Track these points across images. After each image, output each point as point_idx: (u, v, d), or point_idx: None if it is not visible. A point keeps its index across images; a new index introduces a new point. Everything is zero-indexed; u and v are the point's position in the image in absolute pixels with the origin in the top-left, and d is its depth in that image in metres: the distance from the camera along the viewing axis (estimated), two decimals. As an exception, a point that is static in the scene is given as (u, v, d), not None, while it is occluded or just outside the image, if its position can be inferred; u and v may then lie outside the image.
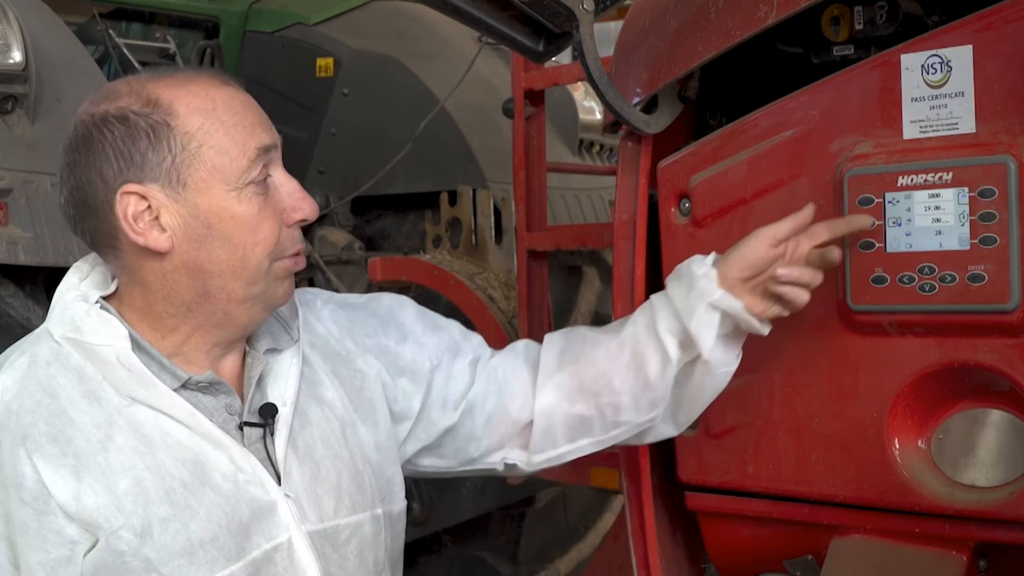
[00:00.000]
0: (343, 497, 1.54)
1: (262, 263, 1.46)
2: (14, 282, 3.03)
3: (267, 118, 1.51)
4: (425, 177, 4.34)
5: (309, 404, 1.57)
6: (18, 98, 3.05)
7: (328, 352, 1.64)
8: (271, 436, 1.50)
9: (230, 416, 1.49)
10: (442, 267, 3.76)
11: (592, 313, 4.38)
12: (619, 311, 1.93)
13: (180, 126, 1.44)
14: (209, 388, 1.49)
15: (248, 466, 1.46)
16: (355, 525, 1.55)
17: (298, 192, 1.49)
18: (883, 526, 1.69)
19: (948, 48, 1.58)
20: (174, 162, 1.44)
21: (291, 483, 1.50)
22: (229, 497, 1.44)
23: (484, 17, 1.68)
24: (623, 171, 1.94)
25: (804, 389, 1.73)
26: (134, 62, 4.54)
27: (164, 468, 1.41)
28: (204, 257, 1.46)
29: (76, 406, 1.41)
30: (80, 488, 1.37)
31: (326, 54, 4.73)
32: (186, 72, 1.50)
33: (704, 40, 1.78)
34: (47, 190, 3.03)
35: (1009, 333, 1.55)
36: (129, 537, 1.37)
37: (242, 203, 1.45)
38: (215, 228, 1.45)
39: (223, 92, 1.48)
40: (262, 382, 1.54)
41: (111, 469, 1.39)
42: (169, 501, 1.40)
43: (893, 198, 1.60)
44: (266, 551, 1.45)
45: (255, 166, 1.46)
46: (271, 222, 1.47)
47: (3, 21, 3.03)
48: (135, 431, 1.42)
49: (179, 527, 1.39)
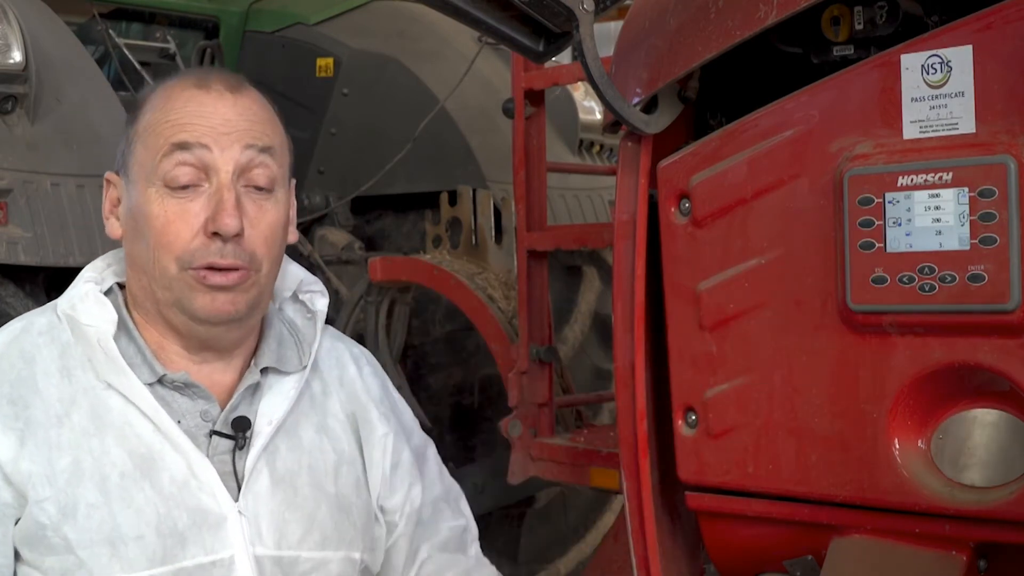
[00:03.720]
0: (313, 530, 1.50)
1: (168, 267, 1.43)
2: (14, 282, 3.03)
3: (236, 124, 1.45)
4: (425, 177, 4.34)
5: (307, 429, 1.54)
6: (18, 98, 3.05)
7: (352, 392, 1.62)
8: (240, 450, 1.47)
9: (203, 423, 1.47)
10: (442, 267, 3.76)
11: (592, 313, 4.38)
12: (619, 311, 1.93)
13: (137, 121, 1.47)
14: (185, 389, 1.47)
15: (204, 475, 1.44)
16: (320, 561, 1.50)
17: (224, 204, 1.42)
18: (883, 526, 1.69)
19: (948, 48, 1.58)
20: (124, 154, 1.48)
21: (252, 501, 1.46)
22: (168, 499, 1.41)
23: (484, 17, 1.68)
24: (623, 171, 1.94)
25: (804, 389, 1.73)
26: (134, 62, 4.54)
27: (108, 455, 1.41)
28: (134, 251, 1.47)
29: (48, 377, 1.43)
30: (21, 452, 1.39)
31: (326, 54, 4.73)
32: (184, 73, 1.53)
33: (704, 40, 1.78)
34: (47, 190, 3.03)
35: (1009, 333, 1.55)
36: (52, 511, 1.38)
37: (154, 202, 1.43)
38: (139, 223, 1.45)
39: (187, 92, 1.46)
40: (256, 398, 1.52)
41: (58, 444, 1.40)
42: (102, 488, 1.39)
43: (893, 198, 1.60)
44: (201, 563, 1.42)
45: (167, 162, 1.42)
46: (182, 227, 1.42)
47: (3, 21, 3.03)
48: (93, 413, 1.42)
49: (105, 515, 1.39)
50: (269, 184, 1.48)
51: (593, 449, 3.28)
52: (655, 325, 1.91)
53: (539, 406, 3.39)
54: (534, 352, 3.38)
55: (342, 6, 4.96)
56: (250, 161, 1.46)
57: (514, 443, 3.38)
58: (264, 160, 1.47)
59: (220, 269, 1.43)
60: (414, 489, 1.65)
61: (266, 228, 1.46)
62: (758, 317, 1.77)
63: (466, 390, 4.40)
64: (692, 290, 1.83)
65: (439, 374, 4.27)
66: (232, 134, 1.44)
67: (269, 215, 1.47)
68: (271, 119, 1.53)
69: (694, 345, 1.83)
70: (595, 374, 4.29)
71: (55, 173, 3.07)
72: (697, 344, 1.83)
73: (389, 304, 4.10)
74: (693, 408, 1.84)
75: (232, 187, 1.43)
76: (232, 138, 1.44)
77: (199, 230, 1.42)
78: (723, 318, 1.80)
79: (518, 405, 3.39)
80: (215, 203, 1.42)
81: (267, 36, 4.98)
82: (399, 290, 4.08)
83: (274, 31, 4.97)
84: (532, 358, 3.38)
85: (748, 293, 1.77)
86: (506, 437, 3.40)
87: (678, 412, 1.86)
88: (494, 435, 3.68)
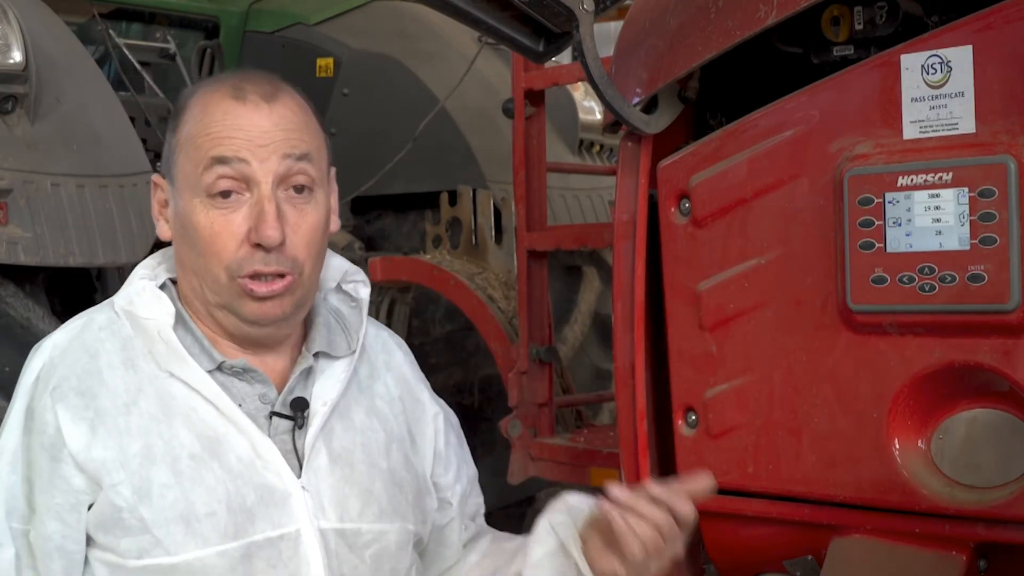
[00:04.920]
0: (371, 503, 1.57)
1: (219, 275, 1.49)
2: (14, 282, 3.03)
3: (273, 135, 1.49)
4: (425, 177, 4.34)
5: (357, 411, 1.61)
6: (18, 98, 3.04)
7: (399, 377, 1.70)
8: (299, 429, 1.54)
9: (262, 405, 1.54)
10: (442, 267, 3.76)
11: (592, 313, 4.38)
12: (619, 311, 1.93)
13: (179, 129, 1.52)
14: (244, 374, 1.54)
15: (267, 454, 1.51)
16: (379, 532, 1.57)
17: (266, 217, 1.47)
18: (883, 526, 1.69)
19: (948, 48, 1.58)
20: (168, 161, 1.53)
21: (314, 478, 1.53)
22: (237, 478, 1.49)
23: (484, 17, 1.68)
24: (623, 171, 1.94)
25: (804, 389, 1.73)
26: (134, 62, 4.54)
27: (177, 438, 1.48)
28: (184, 254, 1.54)
29: (113, 369, 1.50)
30: (92, 440, 1.46)
31: (326, 54, 4.73)
32: (220, 80, 1.55)
33: (704, 40, 1.79)
34: (47, 190, 3.03)
35: (1009, 333, 1.55)
36: (127, 494, 1.45)
37: (199, 212, 1.49)
38: (187, 230, 1.51)
39: (223, 103, 1.50)
40: (310, 381, 1.58)
41: (128, 430, 1.47)
42: (173, 469, 1.47)
43: (893, 198, 1.60)
44: (270, 538, 1.49)
45: (208, 175, 1.47)
46: (227, 238, 1.48)
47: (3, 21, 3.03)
48: (160, 400, 1.50)
49: (178, 495, 1.46)
50: (308, 187, 1.53)
51: (593, 449, 3.28)
52: (655, 325, 1.91)
53: (539, 406, 3.39)
54: (534, 352, 3.38)
55: (342, 6, 4.96)
56: (288, 170, 1.50)
57: (514, 443, 3.38)
58: (302, 167, 1.51)
59: (264, 277, 1.49)
60: (462, 470, 1.75)
61: (307, 231, 1.52)
62: (758, 317, 1.77)
63: (466, 390, 4.40)
64: (692, 290, 1.83)
65: (439, 374, 4.26)
66: (269, 145, 1.49)
67: (310, 218, 1.52)
68: (307, 122, 1.56)
69: (694, 345, 1.83)
70: (595, 374, 4.29)
71: (55, 173, 3.07)
72: (697, 344, 1.83)
73: (389, 304, 4.10)
74: (693, 408, 1.84)
75: (272, 197, 1.48)
76: (269, 150, 1.48)
77: (243, 240, 1.48)
78: (723, 318, 1.80)
79: (518, 405, 3.39)
80: (256, 214, 1.47)
81: (267, 36, 4.99)
82: (399, 290, 4.08)
83: (274, 31, 4.97)
84: (532, 358, 3.38)
85: (748, 293, 1.77)
86: (506, 437, 3.40)
87: (678, 412, 1.86)
88: (494, 435, 3.68)
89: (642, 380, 1.91)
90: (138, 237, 3.29)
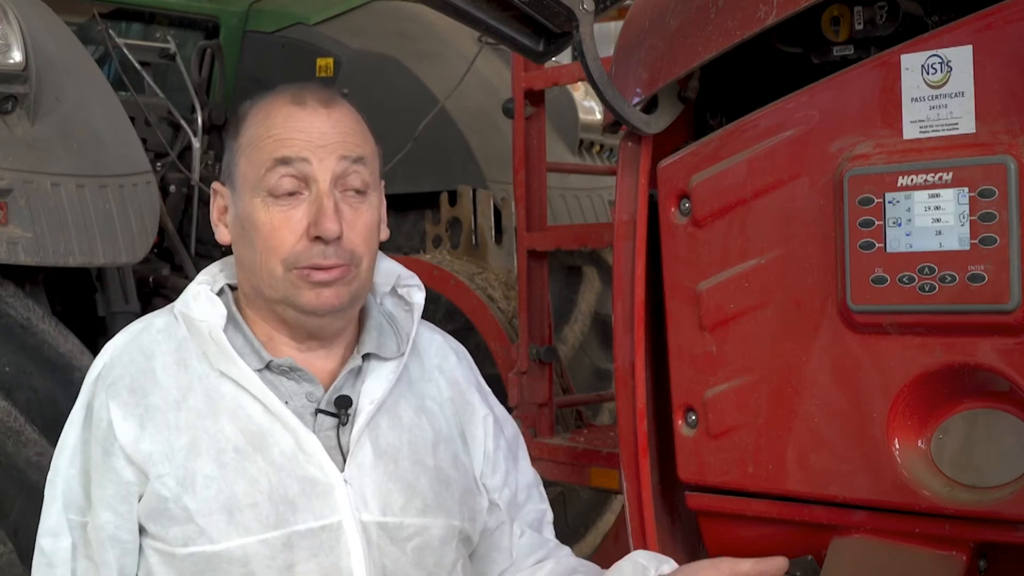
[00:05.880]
0: (414, 498, 1.62)
1: (275, 269, 1.57)
2: (14, 282, 3.04)
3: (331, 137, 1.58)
4: (425, 177, 4.34)
5: (406, 409, 1.66)
6: (18, 98, 3.05)
7: (451, 379, 1.75)
8: (343, 426, 1.60)
9: (309, 403, 1.60)
10: (442, 267, 3.76)
11: (592, 313, 4.38)
12: (619, 311, 1.93)
13: (241, 136, 1.62)
14: (291, 373, 1.60)
15: (311, 448, 1.57)
16: (421, 527, 1.61)
17: (325, 211, 1.55)
18: (883, 526, 1.69)
19: (948, 48, 1.58)
20: (229, 166, 1.63)
21: (357, 472, 1.58)
22: (280, 470, 1.55)
23: (484, 17, 1.69)
24: (623, 171, 1.94)
25: (804, 389, 1.73)
26: (134, 62, 4.54)
27: (222, 433, 1.56)
28: (242, 255, 1.63)
29: (166, 369, 1.59)
30: (141, 435, 1.55)
31: (326, 54, 4.74)
32: (279, 91, 1.63)
33: (704, 40, 1.79)
34: (47, 190, 3.03)
35: (1009, 333, 1.55)
36: (171, 484, 1.53)
37: (259, 210, 1.57)
38: (247, 230, 1.60)
39: (285, 109, 1.60)
40: (358, 381, 1.64)
41: (175, 426, 1.56)
42: (217, 461, 1.54)
43: (893, 198, 1.60)
44: (311, 528, 1.54)
45: (271, 175, 1.56)
46: (286, 232, 1.56)
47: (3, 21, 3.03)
48: (208, 397, 1.58)
49: (221, 486, 1.53)
50: (363, 189, 1.62)
51: (593, 449, 3.28)
52: (655, 325, 1.92)
53: (539, 406, 3.40)
54: (534, 352, 3.38)
55: (342, 6, 4.96)
56: (345, 170, 1.59)
57: (514, 443, 3.38)
58: (357, 168, 1.61)
59: (323, 268, 1.57)
60: (511, 475, 1.78)
61: (363, 228, 1.60)
62: (758, 317, 1.77)
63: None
64: (692, 290, 1.83)
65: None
66: (328, 146, 1.58)
67: (364, 216, 1.61)
68: (362, 130, 1.67)
69: (694, 345, 1.83)
70: (595, 374, 4.30)
71: (55, 173, 3.08)
72: (697, 344, 1.83)
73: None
74: (693, 408, 1.84)
75: (330, 194, 1.57)
76: (328, 150, 1.58)
77: (302, 235, 1.56)
78: (723, 318, 1.80)
79: (518, 405, 3.39)
80: (316, 209, 1.56)
81: (267, 36, 4.99)
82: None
83: (274, 31, 4.98)
84: (532, 358, 3.39)
85: (748, 293, 1.77)
86: (506, 437, 3.40)
87: (678, 412, 1.86)
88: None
89: (642, 380, 1.91)
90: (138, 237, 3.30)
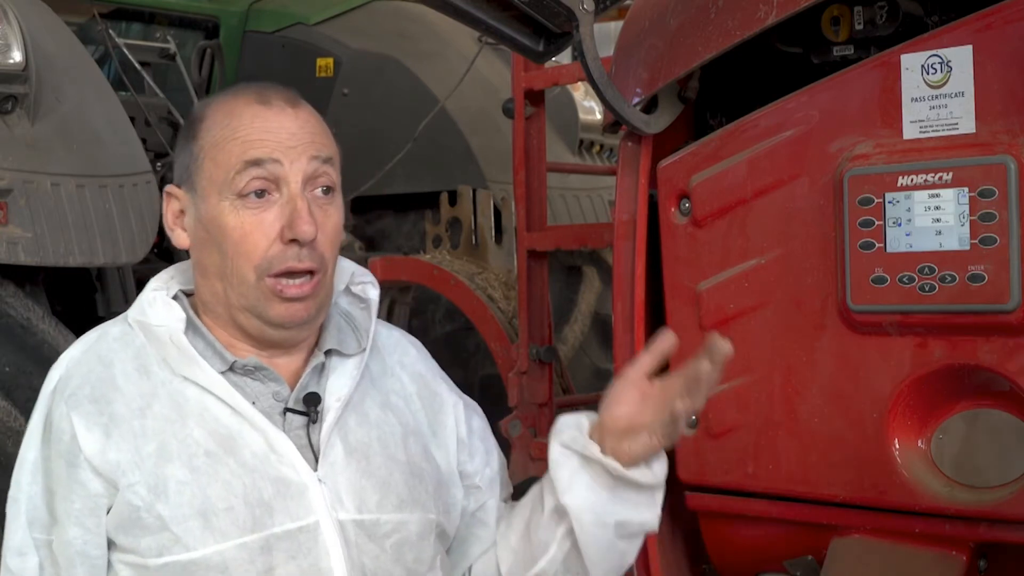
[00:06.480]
0: (389, 494, 1.59)
1: (247, 275, 1.53)
2: (14, 282, 3.03)
3: (300, 137, 1.55)
4: (425, 177, 4.35)
5: (371, 406, 1.64)
6: (18, 98, 3.04)
7: (414, 373, 1.73)
8: (313, 424, 1.57)
9: (276, 402, 1.57)
10: (442, 267, 3.76)
11: (592, 313, 4.38)
12: (619, 311, 1.93)
13: (201, 137, 1.56)
14: (255, 373, 1.57)
15: (282, 448, 1.54)
16: (399, 522, 1.59)
17: (300, 213, 1.52)
18: (883, 526, 1.69)
19: (948, 48, 1.58)
20: (189, 169, 1.57)
21: (330, 470, 1.56)
22: (253, 472, 1.51)
23: (484, 17, 1.69)
24: (623, 171, 1.94)
25: (804, 389, 1.73)
26: (134, 62, 4.54)
27: (191, 437, 1.52)
28: (205, 259, 1.57)
29: (127, 376, 1.55)
30: (107, 444, 1.50)
31: (326, 54, 4.74)
32: (240, 89, 1.59)
33: (704, 40, 1.79)
34: (47, 190, 3.03)
35: (1009, 333, 1.55)
36: (143, 492, 1.48)
37: (228, 214, 1.53)
38: (212, 234, 1.55)
39: (250, 109, 1.55)
40: (323, 378, 1.61)
41: (142, 433, 1.51)
42: (189, 466, 1.50)
43: (893, 198, 1.60)
44: (288, 530, 1.51)
45: (241, 178, 1.52)
46: (259, 236, 1.52)
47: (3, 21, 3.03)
48: (173, 403, 1.53)
49: (195, 490, 1.49)
50: (332, 187, 1.59)
51: (593, 449, 3.27)
52: (655, 325, 1.91)
53: (539, 406, 3.39)
54: (534, 352, 3.38)
55: (342, 6, 4.96)
56: (315, 171, 1.56)
57: (514, 443, 3.38)
58: (326, 169, 1.58)
59: (295, 275, 1.53)
60: (491, 455, 1.78)
61: (332, 230, 1.58)
62: (758, 317, 1.77)
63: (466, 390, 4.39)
64: (692, 290, 1.83)
65: (439, 374, 4.27)
66: (298, 147, 1.55)
67: (333, 218, 1.59)
68: (326, 131, 1.63)
69: (694, 345, 1.83)
70: (595, 374, 4.29)
71: (55, 173, 3.07)
72: (697, 344, 1.82)
73: (389, 304, 4.10)
74: (693, 408, 1.84)
75: (303, 195, 1.54)
76: (299, 151, 1.55)
77: (275, 238, 1.53)
78: (723, 318, 1.80)
79: (518, 405, 3.39)
80: (290, 211, 1.53)
81: (267, 36, 4.99)
82: (399, 290, 4.08)
83: (274, 31, 4.98)
84: (532, 358, 3.38)
85: (748, 293, 1.77)
86: (506, 437, 3.40)
87: (678, 412, 1.86)
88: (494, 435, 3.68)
89: (642, 380, 1.90)
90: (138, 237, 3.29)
